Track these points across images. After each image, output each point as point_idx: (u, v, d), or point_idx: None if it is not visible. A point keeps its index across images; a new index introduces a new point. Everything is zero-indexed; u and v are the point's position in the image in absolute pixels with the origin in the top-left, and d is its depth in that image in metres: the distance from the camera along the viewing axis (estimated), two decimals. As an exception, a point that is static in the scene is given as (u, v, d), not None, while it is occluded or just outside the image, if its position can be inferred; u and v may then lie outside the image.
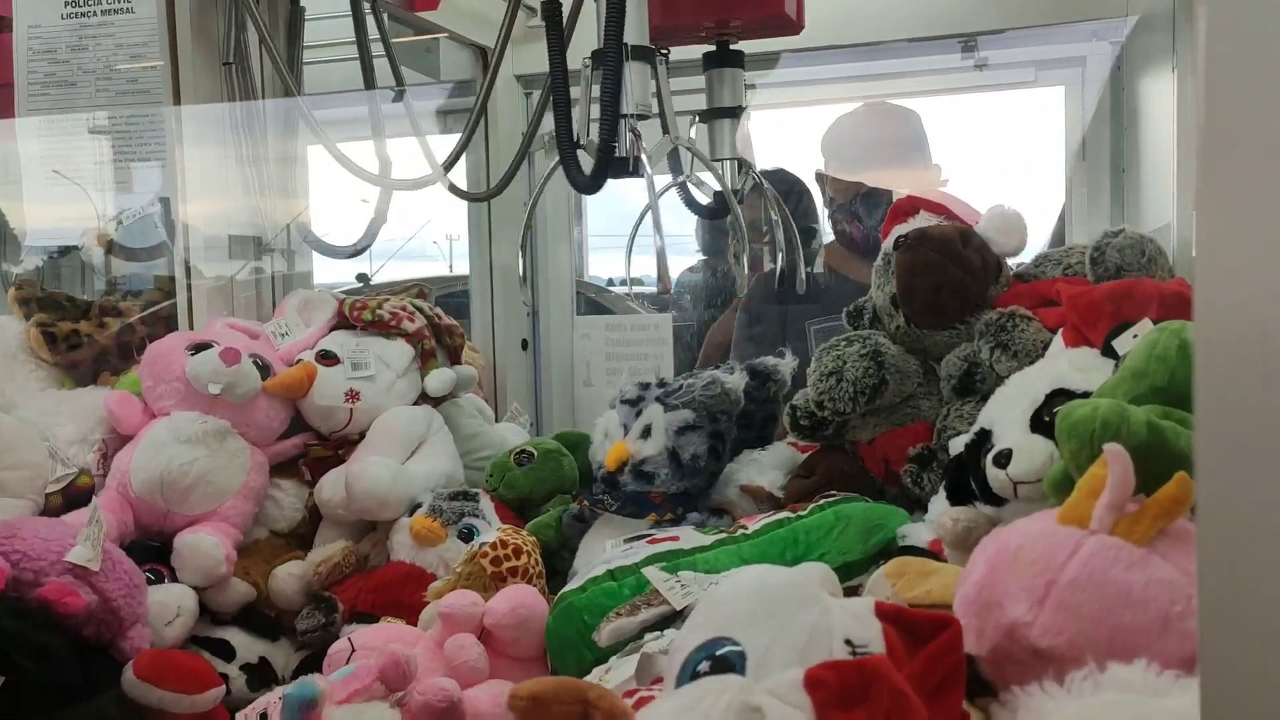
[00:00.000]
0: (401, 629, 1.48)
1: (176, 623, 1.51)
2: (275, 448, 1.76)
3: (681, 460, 1.61)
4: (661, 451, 1.61)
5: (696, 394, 1.63)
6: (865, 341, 1.57)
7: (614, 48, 1.44)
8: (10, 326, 1.80)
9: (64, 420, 1.66)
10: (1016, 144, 2.66)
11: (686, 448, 1.61)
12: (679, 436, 1.61)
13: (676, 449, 1.61)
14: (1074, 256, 1.58)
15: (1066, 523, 0.89)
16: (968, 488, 1.28)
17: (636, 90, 1.49)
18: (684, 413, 1.63)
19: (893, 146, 2.52)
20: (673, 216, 2.39)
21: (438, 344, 1.92)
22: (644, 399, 1.67)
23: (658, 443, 1.62)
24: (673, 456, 1.61)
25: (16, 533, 1.35)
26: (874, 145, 2.52)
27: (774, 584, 0.92)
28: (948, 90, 2.64)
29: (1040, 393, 1.22)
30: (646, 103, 1.52)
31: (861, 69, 2.67)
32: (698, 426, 1.62)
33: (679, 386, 1.66)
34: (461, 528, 1.68)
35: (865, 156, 2.51)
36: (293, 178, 2.01)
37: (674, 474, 1.61)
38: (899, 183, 2.46)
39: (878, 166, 2.49)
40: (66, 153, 2.07)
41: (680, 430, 1.62)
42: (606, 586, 1.37)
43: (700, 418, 1.63)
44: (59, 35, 1.99)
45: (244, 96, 1.89)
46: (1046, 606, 0.84)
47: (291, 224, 2.04)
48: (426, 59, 2.70)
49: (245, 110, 1.88)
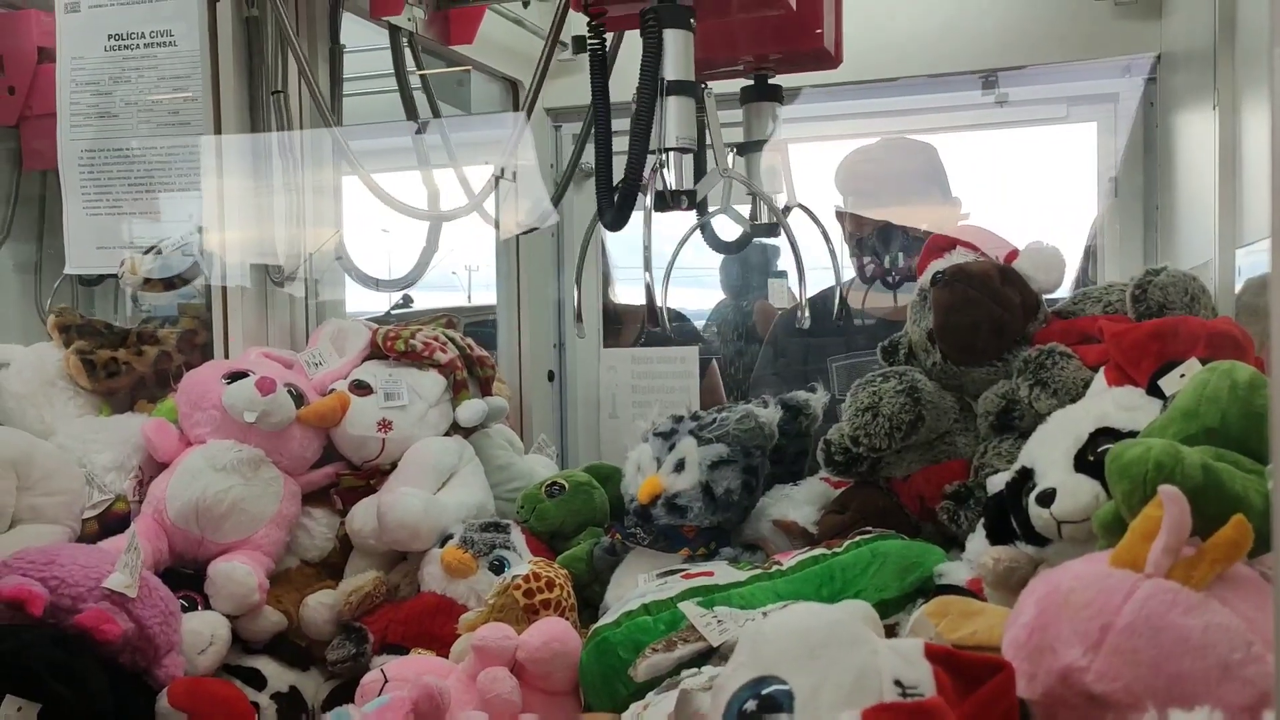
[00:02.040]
0: (434, 661, 1.48)
1: (210, 651, 1.50)
2: (308, 477, 1.76)
3: (715, 494, 1.60)
4: (695, 485, 1.61)
5: (730, 428, 1.62)
6: (901, 377, 1.56)
7: (649, 85, 1.44)
8: (49, 354, 1.82)
9: (101, 447, 1.67)
10: (1048, 180, 2.66)
11: (720, 482, 1.60)
12: (712, 471, 1.61)
13: (710, 483, 1.60)
14: (1114, 294, 1.57)
15: (1120, 565, 0.88)
16: (1009, 527, 1.27)
17: (681, 125, 1.49)
18: (718, 446, 1.62)
19: (910, 180, 2.51)
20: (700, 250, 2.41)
21: (469, 375, 1.93)
22: (677, 432, 1.67)
23: (691, 476, 1.62)
24: (706, 491, 1.60)
25: (55, 559, 1.36)
26: (890, 179, 2.52)
27: (820, 623, 0.91)
28: (979, 126, 2.64)
29: (1084, 431, 1.21)
30: (690, 136, 1.51)
31: (889, 104, 2.68)
32: (731, 461, 1.61)
33: (712, 420, 1.66)
34: (492, 559, 1.68)
35: (881, 190, 2.50)
36: (330, 207, 2.02)
37: (707, 508, 1.60)
38: (918, 216, 2.45)
39: (895, 200, 2.48)
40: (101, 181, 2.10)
41: (714, 464, 1.61)
42: (641, 621, 1.36)
43: (734, 452, 1.62)
44: (102, 67, 2.02)
45: (282, 128, 1.91)
46: (1102, 651, 0.83)
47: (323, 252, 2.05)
48: (458, 92, 2.73)
49: (285, 141, 1.91)
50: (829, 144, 2.87)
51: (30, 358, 1.81)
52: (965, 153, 2.64)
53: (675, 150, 1.48)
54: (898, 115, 2.66)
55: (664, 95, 1.50)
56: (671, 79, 1.47)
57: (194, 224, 1.99)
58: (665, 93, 1.50)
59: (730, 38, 1.73)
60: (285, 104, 1.88)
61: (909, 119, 2.69)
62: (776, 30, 1.72)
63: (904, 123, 2.70)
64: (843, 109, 2.71)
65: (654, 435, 1.70)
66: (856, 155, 2.62)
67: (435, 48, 2.31)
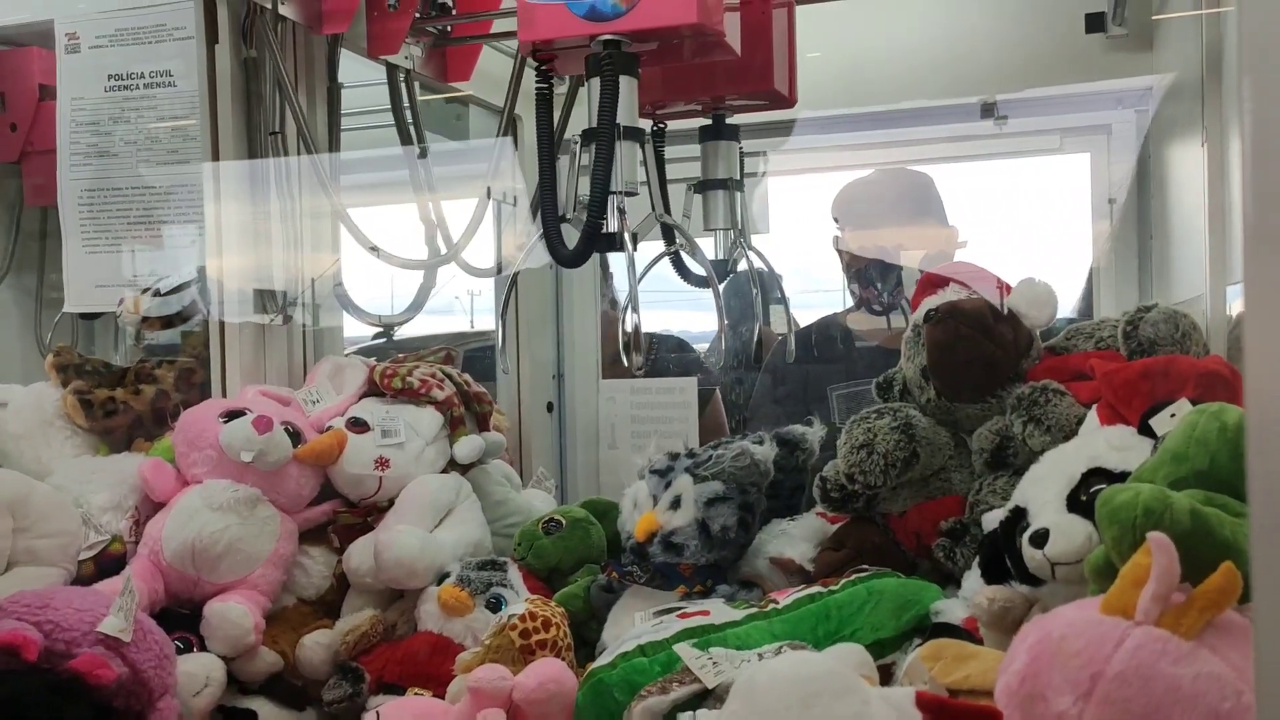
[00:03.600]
0: (430, 703, 1.48)
1: (205, 693, 1.50)
2: (304, 514, 1.76)
3: (711, 532, 1.60)
4: (691, 523, 1.61)
5: (726, 465, 1.63)
6: (896, 414, 1.57)
7: (606, 128, 1.48)
8: (47, 393, 1.83)
9: (98, 487, 1.67)
10: (1042, 211, 2.67)
11: (716, 519, 1.60)
12: (709, 508, 1.61)
13: (706, 520, 1.60)
14: (1105, 330, 1.57)
15: (1110, 612, 0.88)
16: (1003, 566, 1.27)
17: (626, 168, 1.53)
18: (713, 484, 1.62)
19: (906, 209, 2.53)
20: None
21: (467, 411, 1.93)
22: (673, 469, 1.67)
23: (687, 514, 1.61)
24: (702, 528, 1.60)
25: (49, 603, 1.35)
26: (887, 208, 2.54)
27: (813, 672, 0.91)
28: (974, 156, 2.66)
29: (1076, 471, 1.21)
30: (634, 179, 1.56)
31: (883, 136, 2.70)
32: (727, 498, 1.61)
33: (708, 457, 1.66)
34: (489, 597, 1.68)
35: (878, 219, 2.52)
36: (327, 241, 2.04)
37: (703, 545, 1.60)
38: (916, 244, 2.47)
39: (890, 229, 2.50)
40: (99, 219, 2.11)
41: (710, 502, 1.61)
42: (637, 663, 1.36)
43: (730, 489, 1.62)
44: (101, 107, 2.04)
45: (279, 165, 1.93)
46: (1093, 701, 0.83)
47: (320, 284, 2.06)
48: (456, 125, 2.75)
49: (280, 177, 1.92)
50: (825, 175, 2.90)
51: (28, 398, 1.82)
52: (960, 183, 2.65)
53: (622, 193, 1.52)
54: (893, 146, 2.68)
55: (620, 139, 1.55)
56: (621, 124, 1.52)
57: (192, 264, 2.01)
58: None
59: (682, 81, 1.80)
60: (283, 145, 1.89)
61: (904, 150, 2.71)
62: (727, 74, 1.78)
63: (899, 153, 2.72)
64: (838, 140, 2.74)
65: (650, 472, 1.70)
66: (854, 186, 2.64)
67: (434, 84, 2.33)
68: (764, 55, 1.75)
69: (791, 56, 1.87)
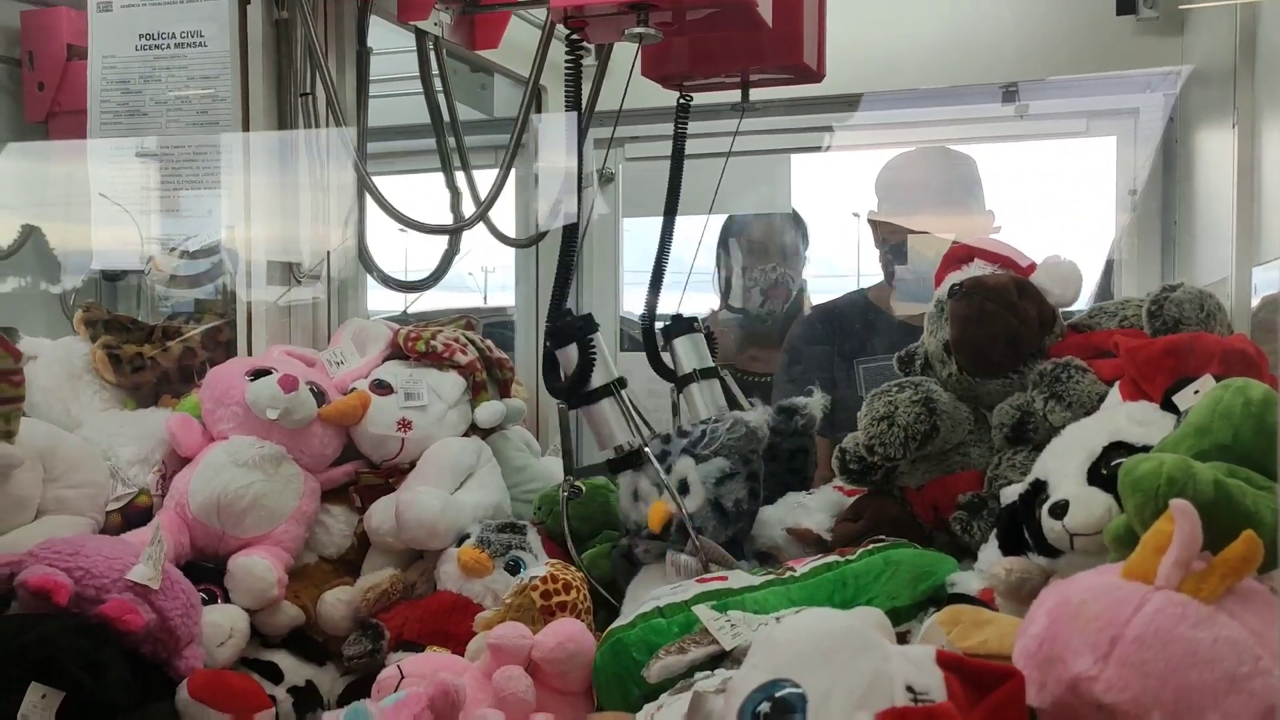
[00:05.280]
0: (449, 658, 1.50)
1: (229, 644, 1.53)
2: (327, 474, 1.78)
3: (725, 509, 1.60)
4: (704, 504, 1.60)
5: (723, 439, 1.61)
6: (917, 388, 1.58)
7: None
8: (76, 348, 1.85)
9: (125, 440, 1.70)
10: (1067, 194, 2.67)
11: (728, 496, 1.60)
12: (719, 487, 1.60)
13: (719, 499, 1.60)
14: (1130, 309, 1.58)
15: (1131, 578, 0.89)
16: (1021, 538, 1.28)
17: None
18: (717, 461, 1.61)
19: (947, 190, 2.53)
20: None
21: (489, 377, 1.95)
22: (670, 453, 1.65)
23: (698, 497, 1.61)
24: (716, 508, 1.60)
25: (80, 550, 1.38)
26: (928, 188, 2.54)
27: (833, 628, 0.92)
28: (999, 139, 2.66)
29: (1098, 445, 1.22)
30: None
31: (909, 116, 2.70)
32: (734, 474, 1.61)
33: (702, 434, 1.64)
34: (508, 560, 1.70)
35: (919, 199, 2.52)
36: (353, 207, 2.05)
37: (720, 524, 1.61)
38: (952, 227, 2.47)
39: (931, 209, 2.50)
40: (129, 178, 2.13)
41: (719, 481, 1.60)
42: (655, 624, 1.37)
43: (734, 463, 1.62)
44: (132, 66, 2.05)
45: (309, 127, 1.94)
46: (1111, 662, 0.84)
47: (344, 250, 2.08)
48: (481, 95, 2.76)
49: (311, 141, 1.93)
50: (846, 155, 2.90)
51: (58, 352, 1.84)
52: (986, 165, 2.65)
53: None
54: (918, 126, 2.67)
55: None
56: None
57: (219, 223, 2.02)
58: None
59: (711, 52, 1.81)
60: (313, 106, 1.90)
61: (929, 130, 2.70)
62: (757, 47, 1.78)
63: (924, 134, 2.72)
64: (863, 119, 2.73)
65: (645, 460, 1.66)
66: (900, 161, 2.65)
67: (461, 52, 2.33)
68: (794, 28, 1.75)
69: (821, 30, 1.87)
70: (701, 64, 1.85)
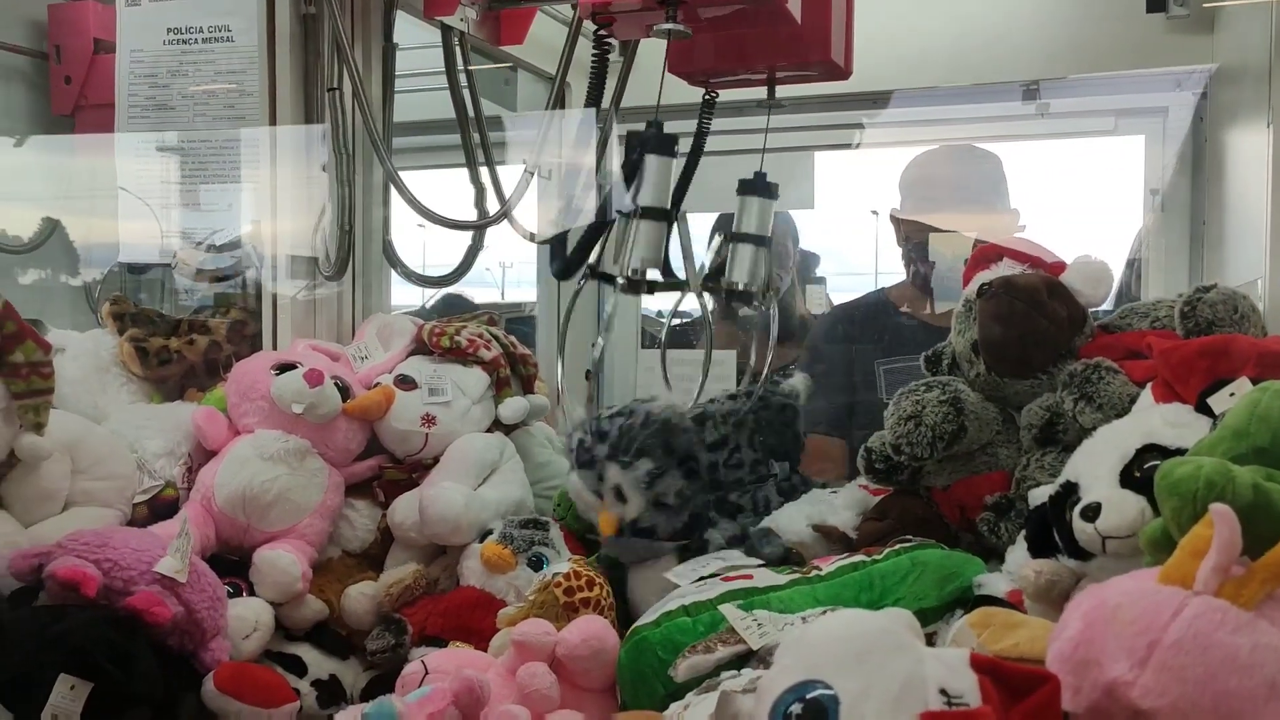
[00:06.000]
0: (474, 654, 1.49)
1: (254, 637, 1.53)
2: (351, 469, 1.79)
3: (668, 504, 1.59)
4: (644, 506, 1.60)
5: (640, 439, 1.58)
6: (945, 388, 1.56)
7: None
8: (104, 340, 1.86)
9: (152, 433, 1.70)
10: (1094, 192, 2.65)
11: (666, 493, 1.59)
12: (652, 488, 1.58)
13: (658, 497, 1.59)
14: (1161, 310, 1.56)
15: (1169, 582, 0.88)
16: (1050, 540, 1.27)
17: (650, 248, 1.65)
18: (642, 463, 1.58)
19: (972, 188, 2.52)
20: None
21: (512, 372, 1.95)
22: (595, 459, 1.62)
23: (636, 501, 1.60)
24: (658, 506, 1.60)
25: (108, 542, 1.39)
26: (953, 186, 2.52)
27: (867, 629, 0.91)
28: (1025, 137, 2.64)
29: (1131, 447, 1.21)
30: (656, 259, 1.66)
31: (933, 114, 2.68)
32: (663, 470, 1.58)
33: (620, 436, 1.60)
34: (531, 556, 1.69)
35: (944, 196, 2.51)
36: (379, 203, 2.05)
37: (669, 518, 1.60)
38: (976, 225, 2.46)
39: (955, 207, 2.49)
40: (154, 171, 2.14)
41: (650, 482, 1.58)
42: (681, 622, 1.37)
43: (659, 459, 1.58)
44: (160, 60, 2.06)
45: (336, 124, 1.94)
46: (1149, 667, 0.83)
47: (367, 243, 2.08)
48: (504, 91, 2.76)
49: (337, 136, 1.93)
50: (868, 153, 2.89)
51: (85, 344, 1.85)
52: (1011, 163, 2.63)
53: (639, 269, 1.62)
54: (946, 124, 2.66)
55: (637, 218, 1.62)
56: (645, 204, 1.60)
57: (244, 217, 2.03)
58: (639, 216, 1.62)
59: (737, 49, 1.78)
60: (340, 101, 1.91)
61: (955, 128, 2.69)
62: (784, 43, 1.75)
63: (948, 132, 2.70)
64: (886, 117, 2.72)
65: (578, 467, 1.66)
66: (924, 158, 2.63)
67: (486, 48, 2.33)
68: (823, 24, 1.74)
69: (849, 27, 1.85)
70: (728, 60, 1.83)
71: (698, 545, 1.62)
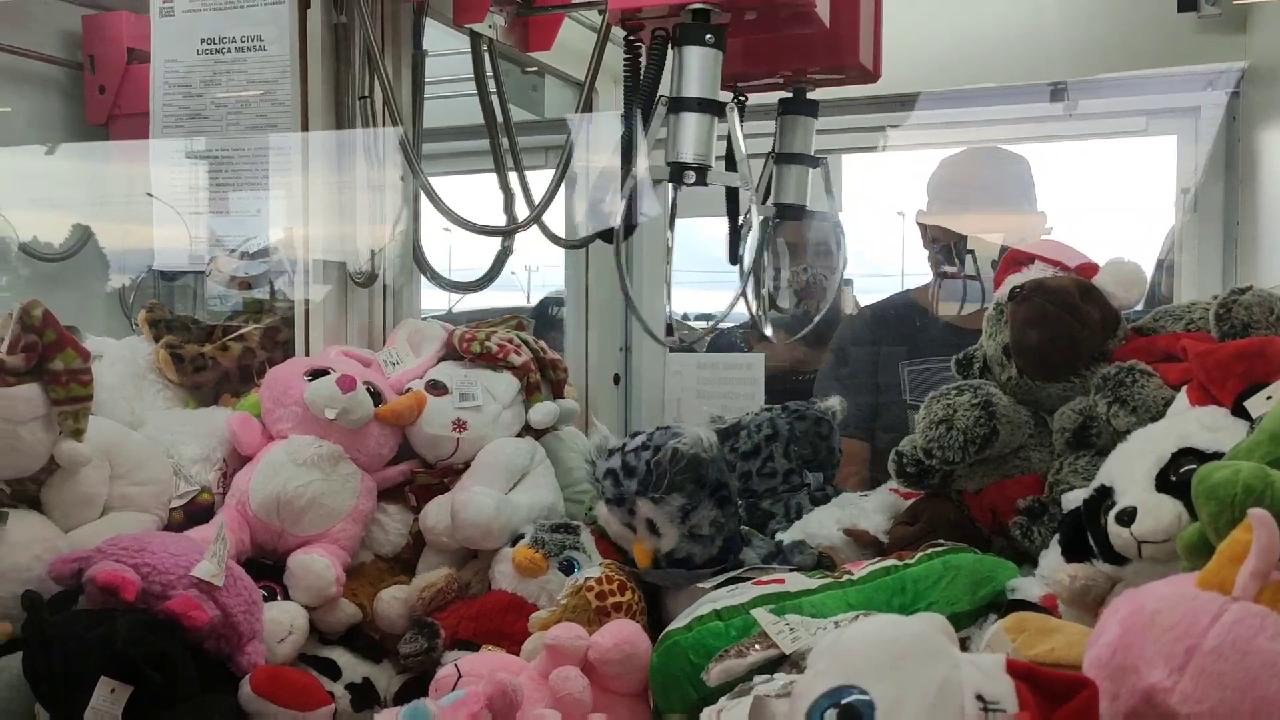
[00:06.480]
0: (506, 658, 1.50)
1: (289, 640, 1.55)
2: (383, 473, 1.80)
3: (702, 534, 1.59)
4: (678, 539, 1.59)
5: (670, 475, 1.56)
6: (976, 391, 1.56)
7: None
8: (140, 347, 1.88)
9: (188, 439, 1.72)
10: (1125, 193, 2.63)
11: (700, 524, 1.58)
12: (685, 522, 1.58)
13: (692, 530, 1.58)
14: (1196, 312, 1.55)
15: (1207, 588, 0.87)
16: (1085, 544, 1.26)
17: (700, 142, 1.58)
18: (674, 499, 1.57)
19: (999, 191, 2.51)
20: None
21: (542, 377, 1.95)
22: (625, 496, 1.61)
23: (670, 535, 1.59)
24: (693, 538, 1.59)
25: (146, 546, 1.41)
26: (982, 187, 2.52)
27: (902, 634, 0.91)
28: (1055, 138, 2.62)
29: (1166, 451, 1.20)
30: (704, 154, 1.59)
31: (962, 115, 2.67)
32: (695, 505, 1.57)
33: (649, 472, 1.57)
34: (562, 560, 1.70)
35: (970, 199, 2.50)
36: (409, 207, 2.07)
37: (704, 546, 1.60)
38: (1003, 227, 2.45)
39: (982, 210, 2.48)
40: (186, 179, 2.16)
41: (683, 517, 1.57)
42: (712, 627, 1.37)
43: (691, 492, 1.57)
44: (194, 70, 2.08)
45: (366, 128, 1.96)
46: (1187, 673, 0.83)
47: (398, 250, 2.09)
48: (532, 96, 2.77)
49: (369, 142, 1.95)
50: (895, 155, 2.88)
51: (122, 351, 1.87)
52: (1041, 164, 2.62)
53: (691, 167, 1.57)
54: (974, 126, 2.65)
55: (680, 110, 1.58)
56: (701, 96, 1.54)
57: (277, 224, 2.05)
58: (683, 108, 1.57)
59: (766, 53, 1.80)
60: (371, 109, 1.92)
61: (983, 130, 2.68)
62: (813, 47, 1.77)
63: (979, 133, 2.69)
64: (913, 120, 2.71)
65: (606, 501, 1.65)
66: (952, 161, 2.63)
67: (513, 54, 2.34)
68: (851, 28, 1.74)
69: (877, 30, 1.86)
70: (756, 64, 1.83)
71: (733, 565, 1.62)
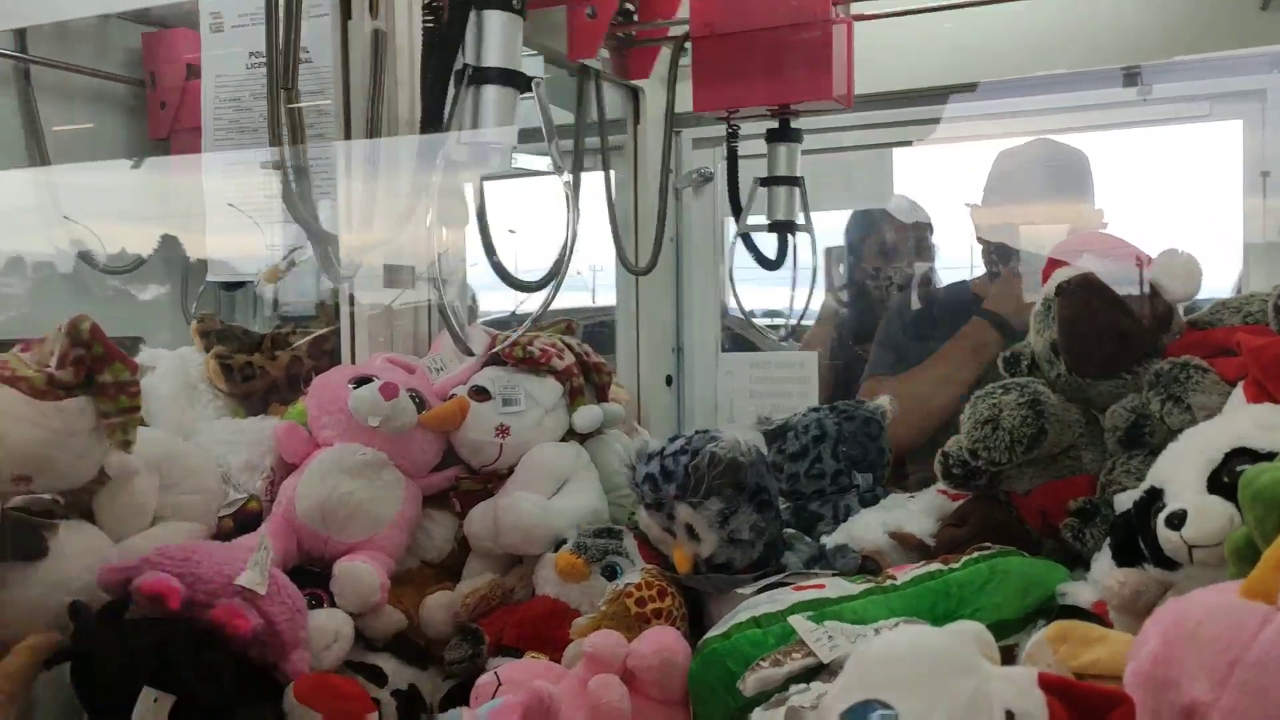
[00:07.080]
0: (547, 665, 1.50)
1: (334, 647, 1.56)
2: (428, 480, 1.81)
3: (742, 539, 1.56)
4: (719, 544, 1.56)
5: (709, 480, 1.53)
6: (1023, 389, 1.52)
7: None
8: (192, 358, 1.92)
9: (237, 448, 1.75)
10: (1189, 181, 2.54)
11: (740, 529, 1.55)
12: (723, 527, 1.55)
13: (732, 534, 1.56)
14: (1254, 304, 1.48)
15: (1251, 597, 0.83)
16: (1136, 548, 1.22)
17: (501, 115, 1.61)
18: (713, 503, 1.54)
19: (1059, 184, 2.45)
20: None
21: (586, 381, 1.95)
22: (663, 501, 1.59)
23: (710, 540, 1.56)
24: (733, 542, 1.56)
25: (192, 555, 1.43)
26: (1040, 181, 2.47)
27: (930, 647, 0.89)
28: (1118, 125, 2.55)
29: (1219, 451, 1.15)
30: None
31: (1026, 104, 2.61)
32: (733, 509, 1.55)
33: (685, 474, 1.55)
34: (605, 565, 1.69)
35: (1026, 194, 2.45)
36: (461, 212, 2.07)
37: (744, 551, 1.57)
38: (1060, 221, 2.39)
39: (1038, 205, 2.43)
40: (241, 191, 2.20)
41: (721, 522, 1.55)
42: (751, 634, 1.35)
43: (730, 497, 1.55)
44: (243, 84, 2.12)
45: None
46: (1229, 687, 0.79)
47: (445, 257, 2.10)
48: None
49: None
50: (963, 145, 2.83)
51: (174, 362, 1.91)
52: (1103, 152, 2.55)
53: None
54: (1035, 115, 2.59)
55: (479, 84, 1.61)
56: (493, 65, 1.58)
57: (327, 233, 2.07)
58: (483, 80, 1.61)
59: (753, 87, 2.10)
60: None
61: (1046, 119, 2.61)
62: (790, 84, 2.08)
63: (1041, 122, 2.63)
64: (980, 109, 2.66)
65: (645, 507, 1.64)
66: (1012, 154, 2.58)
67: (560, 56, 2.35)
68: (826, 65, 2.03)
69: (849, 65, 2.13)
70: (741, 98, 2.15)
71: (775, 570, 1.59)
